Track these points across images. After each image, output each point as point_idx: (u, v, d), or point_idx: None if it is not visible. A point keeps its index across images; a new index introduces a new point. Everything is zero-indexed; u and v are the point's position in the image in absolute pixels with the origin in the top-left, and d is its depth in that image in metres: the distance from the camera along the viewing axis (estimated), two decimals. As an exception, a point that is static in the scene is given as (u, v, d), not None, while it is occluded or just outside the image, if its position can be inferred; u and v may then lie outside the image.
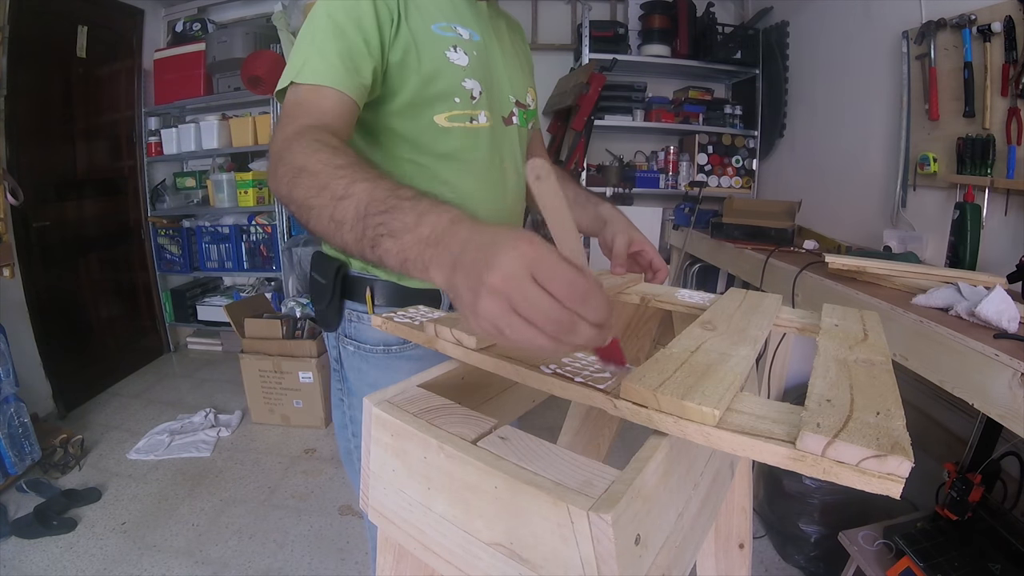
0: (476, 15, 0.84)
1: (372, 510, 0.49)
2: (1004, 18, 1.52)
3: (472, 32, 0.81)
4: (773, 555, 1.71)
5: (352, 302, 0.85)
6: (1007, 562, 1.15)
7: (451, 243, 0.42)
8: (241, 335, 2.52)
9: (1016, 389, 0.89)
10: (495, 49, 0.86)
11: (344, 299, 0.85)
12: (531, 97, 0.95)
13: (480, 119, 0.82)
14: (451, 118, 0.79)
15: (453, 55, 0.77)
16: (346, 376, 0.90)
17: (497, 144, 0.86)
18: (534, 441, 0.42)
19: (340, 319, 0.86)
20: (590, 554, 0.34)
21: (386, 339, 0.83)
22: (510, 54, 0.91)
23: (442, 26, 0.77)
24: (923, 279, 1.31)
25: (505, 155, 0.88)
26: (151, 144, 3.23)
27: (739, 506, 0.79)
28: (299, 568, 1.68)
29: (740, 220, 2.19)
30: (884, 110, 2.09)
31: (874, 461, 0.32)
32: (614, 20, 3.14)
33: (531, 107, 0.94)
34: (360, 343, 0.85)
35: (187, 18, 3.21)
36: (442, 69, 0.76)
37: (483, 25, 0.84)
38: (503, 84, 0.87)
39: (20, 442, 1.96)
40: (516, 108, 0.89)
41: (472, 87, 0.80)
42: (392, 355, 0.84)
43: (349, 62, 0.69)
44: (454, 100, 0.78)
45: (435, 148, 0.80)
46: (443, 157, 0.80)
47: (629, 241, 0.87)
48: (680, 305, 0.73)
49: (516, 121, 0.89)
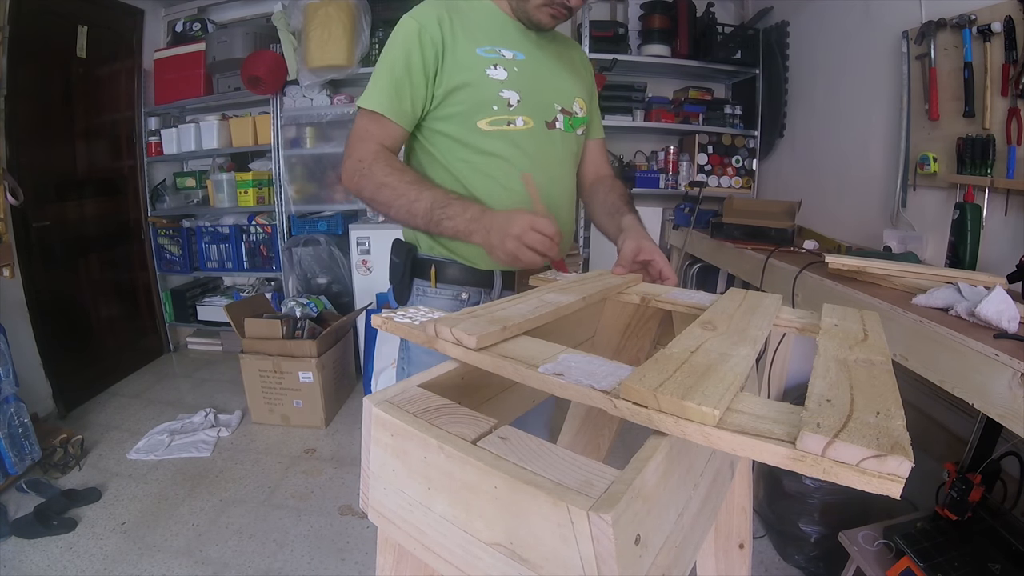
0: (524, 39, 1.01)
1: (372, 510, 0.49)
2: (1004, 18, 1.52)
3: (516, 52, 0.99)
4: (773, 555, 1.71)
5: (419, 280, 1.05)
6: (1007, 562, 1.15)
7: (485, 220, 0.85)
8: (241, 335, 2.52)
9: (1016, 389, 0.89)
10: (542, 65, 1.02)
11: (413, 277, 1.05)
12: (579, 106, 1.08)
13: (517, 123, 0.98)
14: (491, 123, 0.96)
15: (492, 72, 0.96)
16: (408, 346, 1.03)
17: (538, 144, 1.01)
18: (534, 441, 0.42)
19: (410, 294, 1.05)
20: (590, 554, 0.34)
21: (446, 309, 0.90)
22: (559, 70, 1.05)
23: (487, 49, 0.96)
24: (923, 279, 1.31)
25: (547, 153, 1.02)
26: (151, 144, 3.23)
27: (739, 506, 0.79)
28: (299, 568, 1.68)
29: (740, 220, 2.19)
30: (884, 110, 2.09)
31: (874, 461, 0.32)
32: (614, 20, 3.13)
33: (579, 115, 1.08)
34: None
35: (187, 18, 3.21)
36: (481, 83, 0.95)
37: (531, 46, 1.01)
38: (547, 93, 1.02)
39: (20, 442, 1.96)
40: (561, 115, 1.04)
41: (509, 96, 0.96)
42: None
43: (396, 96, 0.94)
44: (492, 108, 0.96)
45: (479, 147, 0.97)
46: (486, 154, 0.97)
47: (637, 248, 0.93)
48: (680, 305, 0.73)
49: (560, 126, 1.04)
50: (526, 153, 0.99)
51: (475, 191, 0.98)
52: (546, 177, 1.01)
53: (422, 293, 1.04)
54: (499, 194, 0.98)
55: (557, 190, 1.05)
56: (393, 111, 0.94)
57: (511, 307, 0.64)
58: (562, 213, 1.05)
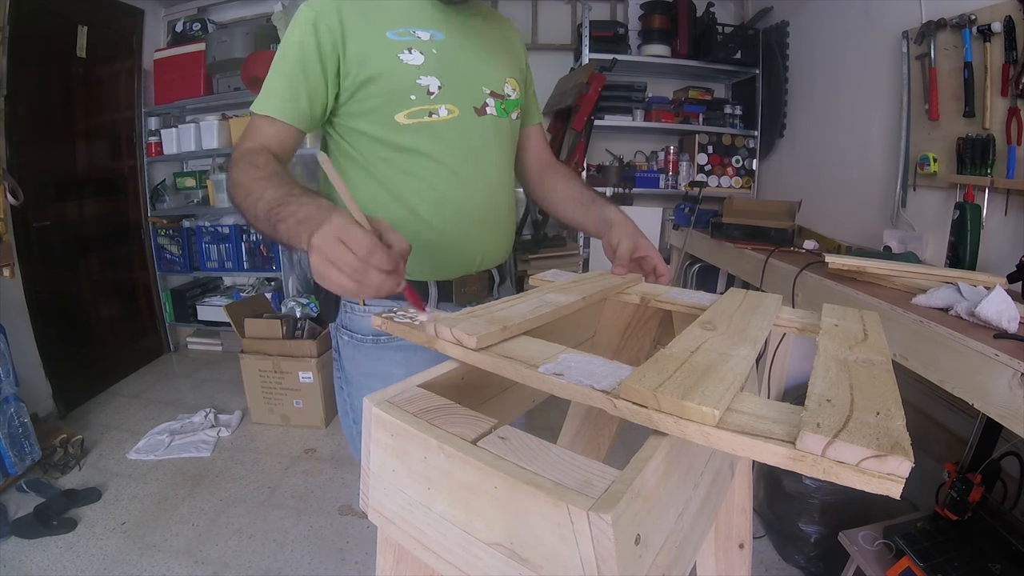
0: (442, 16, 0.89)
1: (372, 510, 0.49)
2: (1004, 18, 1.52)
3: (435, 32, 0.87)
4: (773, 555, 1.71)
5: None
6: (1007, 562, 1.15)
7: (311, 222, 0.60)
8: (241, 335, 2.52)
9: (1016, 389, 0.89)
10: (465, 45, 0.91)
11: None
12: (511, 87, 0.97)
13: (440, 112, 0.87)
14: (410, 115, 0.85)
15: (406, 56, 0.84)
16: (343, 364, 0.96)
17: (467, 135, 0.90)
18: (534, 441, 0.42)
19: (337, 310, 0.95)
20: (590, 554, 0.34)
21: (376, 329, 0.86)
22: (486, 47, 0.94)
23: (398, 31, 0.85)
24: (923, 279, 1.31)
25: (477, 144, 0.92)
26: (151, 144, 3.23)
27: (739, 506, 0.79)
28: (299, 568, 1.68)
29: (740, 220, 2.18)
30: (884, 110, 2.09)
31: (874, 461, 0.32)
32: (614, 20, 3.14)
33: (512, 96, 0.97)
34: (353, 332, 0.92)
35: (187, 18, 3.21)
36: (394, 71, 0.84)
37: (450, 24, 0.89)
38: (473, 76, 0.91)
39: (20, 442, 1.96)
40: (491, 99, 0.93)
41: (428, 83, 0.85)
42: (381, 344, 0.91)
43: (289, 94, 0.82)
44: (410, 97, 0.85)
45: (399, 144, 0.86)
46: (407, 151, 0.87)
47: (634, 247, 0.88)
48: (680, 305, 0.73)
49: (492, 111, 0.93)
50: (453, 146, 0.89)
51: (401, 195, 0.88)
52: (482, 170, 0.93)
53: (350, 311, 0.93)
54: (429, 196, 0.88)
55: (495, 185, 0.95)
56: (286, 112, 0.83)
57: (511, 307, 0.64)
58: (502, 211, 0.98)
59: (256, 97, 0.85)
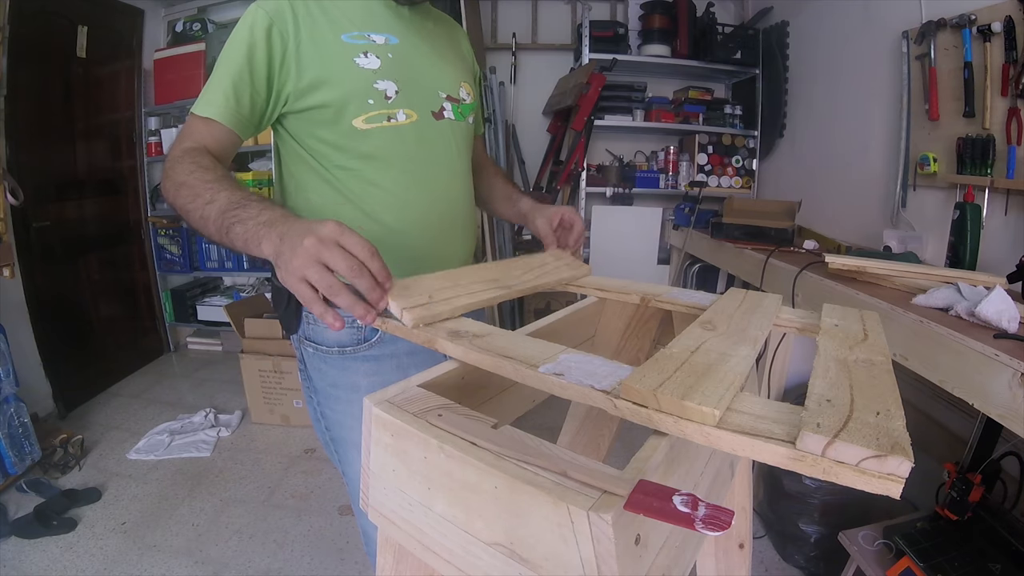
0: (395, 20, 0.88)
1: (372, 510, 0.49)
2: (1004, 18, 1.52)
3: (389, 36, 0.86)
4: (773, 555, 1.71)
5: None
6: (1007, 562, 1.15)
7: (280, 225, 0.60)
8: (241, 335, 2.52)
9: (1016, 389, 0.89)
10: (419, 49, 0.90)
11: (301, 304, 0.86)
12: (466, 91, 0.97)
13: (399, 117, 0.85)
14: (368, 119, 0.83)
15: (362, 60, 0.82)
16: (310, 375, 0.94)
17: (426, 139, 0.89)
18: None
19: (299, 322, 0.91)
20: (590, 554, 0.34)
21: (340, 340, 0.87)
22: (439, 52, 0.94)
23: (353, 35, 0.83)
24: (923, 279, 1.31)
25: (437, 149, 0.91)
26: (151, 144, 3.23)
27: (739, 506, 0.79)
28: (299, 568, 1.68)
29: (740, 220, 2.18)
30: (884, 110, 2.09)
31: (874, 461, 0.32)
32: (614, 20, 3.14)
33: (467, 101, 0.97)
34: (318, 344, 0.89)
35: (187, 18, 3.21)
36: (350, 75, 0.82)
37: (403, 28, 0.89)
38: (428, 80, 0.90)
39: (20, 442, 1.96)
40: (448, 103, 0.92)
41: (386, 87, 0.84)
42: (347, 355, 0.88)
43: (235, 98, 0.79)
44: (367, 102, 0.83)
45: (358, 150, 0.84)
46: (367, 158, 0.85)
47: (548, 220, 0.95)
48: (680, 305, 0.73)
49: (449, 115, 0.92)
50: (412, 152, 0.87)
51: (361, 201, 0.86)
52: (443, 174, 0.92)
53: (313, 322, 0.89)
54: (390, 201, 0.87)
55: (456, 188, 0.95)
56: (227, 116, 0.79)
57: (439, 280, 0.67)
58: (464, 214, 0.98)
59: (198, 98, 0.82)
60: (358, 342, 0.88)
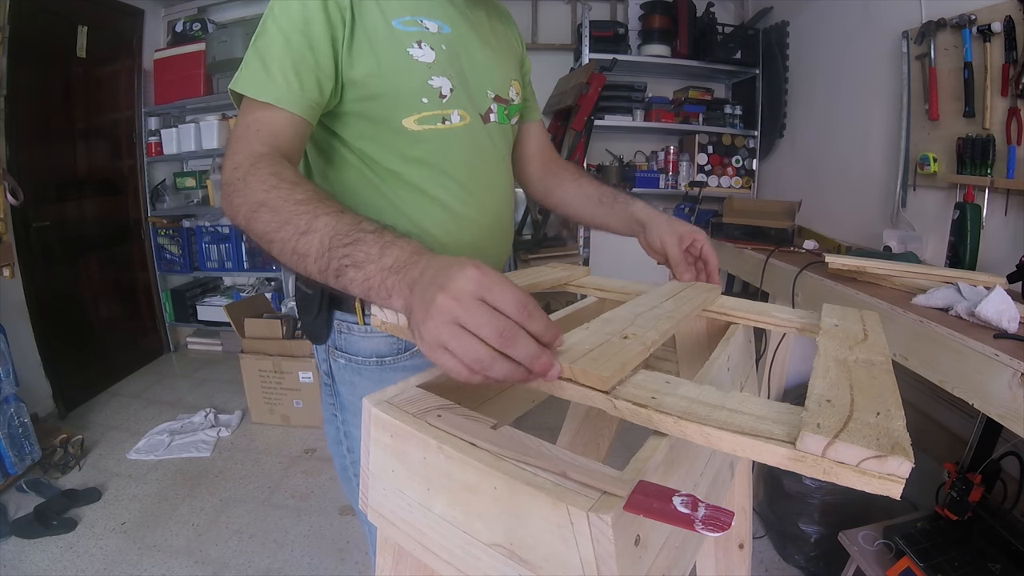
0: (446, 5, 0.78)
1: (372, 511, 0.49)
2: (1004, 18, 1.52)
3: (441, 24, 0.76)
4: (773, 555, 1.71)
5: (341, 312, 0.79)
6: (1007, 562, 1.15)
7: (411, 270, 0.46)
8: (241, 335, 2.52)
9: (1016, 389, 0.89)
10: (471, 40, 0.79)
11: (332, 310, 0.79)
12: (515, 91, 0.87)
13: (453, 119, 0.76)
14: (420, 120, 0.73)
15: (417, 52, 0.72)
16: (338, 391, 0.84)
17: (476, 144, 0.80)
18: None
19: (329, 331, 0.81)
20: (590, 555, 0.34)
21: (379, 350, 0.79)
22: (491, 45, 0.83)
23: (405, 21, 0.72)
24: (923, 279, 1.30)
25: (488, 156, 0.82)
26: (151, 144, 3.23)
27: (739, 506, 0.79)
28: (299, 568, 1.67)
29: (740, 220, 2.18)
30: (884, 110, 2.09)
31: (874, 462, 0.32)
32: (614, 20, 3.13)
33: (514, 102, 0.87)
34: (351, 355, 0.80)
35: (187, 18, 3.21)
36: (404, 68, 0.71)
37: (456, 15, 0.78)
38: (480, 78, 0.80)
39: (20, 442, 1.96)
40: (495, 103, 0.83)
41: (440, 85, 0.74)
42: (386, 367, 0.80)
43: (295, 77, 0.65)
44: (421, 100, 0.73)
45: (409, 154, 0.75)
46: (415, 162, 0.75)
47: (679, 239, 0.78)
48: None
49: (495, 118, 0.83)
50: (461, 158, 0.78)
51: (409, 210, 0.76)
52: (491, 184, 0.83)
53: (346, 331, 0.79)
54: (438, 214, 0.77)
55: (502, 198, 0.86)
56: (292, 100, 0.65)
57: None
58: (505, 222, 0.89)
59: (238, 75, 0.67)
60: (398, 352, 0.79)
